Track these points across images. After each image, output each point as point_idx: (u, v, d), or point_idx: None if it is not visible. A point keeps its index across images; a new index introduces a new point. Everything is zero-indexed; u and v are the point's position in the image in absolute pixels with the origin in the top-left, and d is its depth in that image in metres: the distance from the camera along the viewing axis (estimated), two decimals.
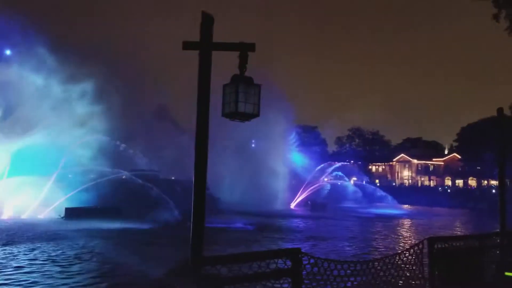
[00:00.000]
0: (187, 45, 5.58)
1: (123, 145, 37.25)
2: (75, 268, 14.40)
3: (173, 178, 47.20)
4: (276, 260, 6.02)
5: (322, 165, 60.87)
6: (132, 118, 41.24)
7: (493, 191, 55.32)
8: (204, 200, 5.05)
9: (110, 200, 31.21)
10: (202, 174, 5.12)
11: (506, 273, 7.07)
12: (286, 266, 5.93)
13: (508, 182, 56.44)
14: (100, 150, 35.24)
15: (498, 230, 9.42)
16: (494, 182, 59.71)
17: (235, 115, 5.51)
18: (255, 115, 5.58)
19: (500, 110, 9.84)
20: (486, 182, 69.11)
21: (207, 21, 5.41)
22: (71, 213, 29.29)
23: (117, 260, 15.51)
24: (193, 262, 4.63)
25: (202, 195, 5.04)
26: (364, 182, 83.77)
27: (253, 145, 55.20)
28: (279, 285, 6.82)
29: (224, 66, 5.76)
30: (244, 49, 5.59)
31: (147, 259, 15.27)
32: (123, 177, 37.28)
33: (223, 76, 5.72)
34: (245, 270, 5.30)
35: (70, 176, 32.42)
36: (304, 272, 6.25)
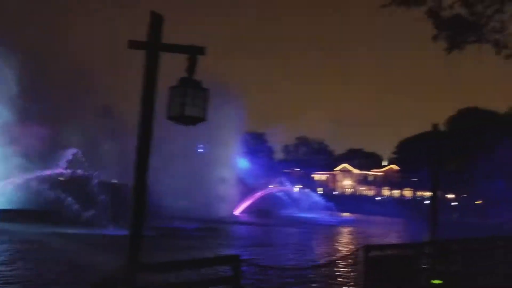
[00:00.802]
0: (133, 45, 5.45)
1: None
2: None
3: (114, 181, 45.60)
4: (216, 267, 5.98)
5: (270, 173, 61.40)
6: (73, 118, 39.35)
7: (426, 201, 58.16)
8: (144, 204, 4.92)
9: (40, 202, 29.42)
10: (142, 177, 5.00)
11: (433, 281, 7.44)
12: (225, 273, 5.91)
13: (440, 194, 59.62)
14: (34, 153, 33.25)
15: (428, 239, 9.91)
16: (427, 193, 62.85)
17: (181, 118, 5.43)
18: (202, 119, 5.53)
19: (435, 125, 10.41)
20: (420, 193, 72.61)
21: (155, 21, 5.32)
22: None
23: (46, 266, 14.65)
24: (128, 269, 4.45)
25: (141, 199, 4.90)
26: (308, 190, 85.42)
27: (200, 150, 54.64)
28: None
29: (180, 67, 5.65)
30: (193, 52, 5.55)
31: (77, 266, 14.44)
32: (61, 179, 35.52)
33: (174, 78, 5.61)
34: (185, 277, 5.21)
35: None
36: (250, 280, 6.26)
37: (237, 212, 50.00)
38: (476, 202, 56.90)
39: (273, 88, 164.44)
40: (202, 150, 54.34)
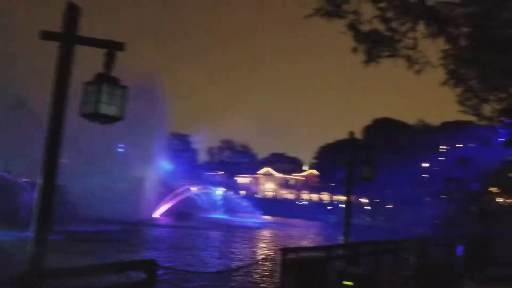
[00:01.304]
0: (46, 35, 5.11)
1: None
2: None
3: (26, 180, 42.49)
4: (130, 272, 5.75)
5: (193, 175, 60.74)
6: None
7: (342, 205, 60.99)
8: (51, 205, 4.60)
9: None
10: (50, 176, 4.68)
11: (344, 282, 7.78)
12: (140, 278, 5.70)
13: (355, 198, 62.70)
14: None
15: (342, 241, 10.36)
16: (343, 198, 65.84)
17: (96, 116, 5.15)
18: (120, 118, 5.28)
19: (351, 133, 10.93)
20: (337, 197, 75.90)
21: (71, 12, 5.03)
22: None
23: None
24: (31, 274, 4.12)
25: (49, 200, 4.58)
26: (231, 192, 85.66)
27: (120, 149, 52.64)
28: None
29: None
30: (112, 47, 5.31)
31: None
32: None
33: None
34: (96, 283, 4.94)
35: None
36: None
37: (156, 214, 48.77)
38: (386, 206, 60.71)
39: (198, 90, 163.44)
40: (122, 149, 52.44)
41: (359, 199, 67.24)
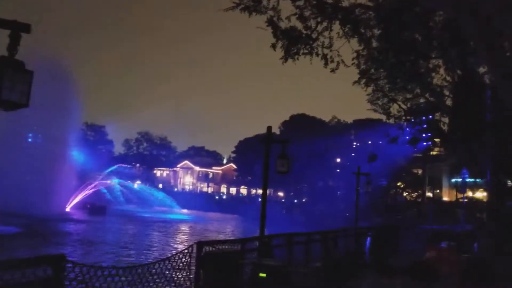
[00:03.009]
0: None
1: None
2: None
3: None
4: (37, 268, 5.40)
5: (107, 167, 58.43)
6: None
7: (259, 199, 62.21)
8: None
9: None
10: None
11: (260, 274, 7.96)
12: (47, 274, 5.38)
13: (271, 192, 64.33)
14: None
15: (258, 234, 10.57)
16: (260, 191, 67.21)
17: None
18: (23, 105, 4.92)
19: (269, 128, 11.17)
20: (255, 191, 77.28)
21: None
22: None
23: None
24: None
25: None
26: (147, 185, 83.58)
27: (29, 140, 49.12)
28: None
29: None
30: (16, 29, 4.92)
31: None
32: None
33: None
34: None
35: None
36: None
37: (68, 208, 46.26)
38: (302, 200, 62.99)
39: (115, 81, 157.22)
40: (31, 139, 49.07)
41: (277, 193, 69.12)
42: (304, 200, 62.71)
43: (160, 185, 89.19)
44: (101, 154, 67.61)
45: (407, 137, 24.91)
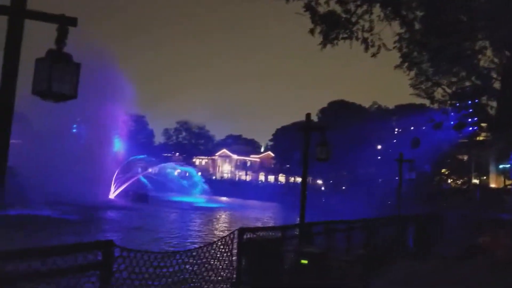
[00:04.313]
0: None
1: None
2: None
3: None
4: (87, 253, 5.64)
5: (149, 156, 59.87)
6: None
7: (298, 187, 62.08)
8: (2, 186, 4.43)
9: None
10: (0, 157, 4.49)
11: (302, 261, 7.99)
12: (97, 259, 5.61)
13: (310, 180, 63.99)
14: None
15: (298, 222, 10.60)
16: (299, 179, 67.07)
17: (47, 94, 4.96)
18: (72, 96, 5.11)
19: (308, 115, 11.08)
20: (293, 179, 77.10)
21: None
22: None
23: None
24: None
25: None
26: (187, 173, 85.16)
27: (74, 130, 50.96)
28: (86, 279, 6.43)
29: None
30: (64, 23, 5.09)
31: None
32: None
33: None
34: (52, 264, 4.82)
35: None
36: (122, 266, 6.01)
37: (112, 196, 47.88)
38: (342, 188, 62.37)
39: (154, 70, 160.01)
40: (75, 130, 50.82)
41: (316, 181, 68.72)
42: (343, 188, 62.07)
43: (199, 173, 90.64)
44: (142, 143, 69.25)
45: (452, 122, 24.07)
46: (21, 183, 26.13)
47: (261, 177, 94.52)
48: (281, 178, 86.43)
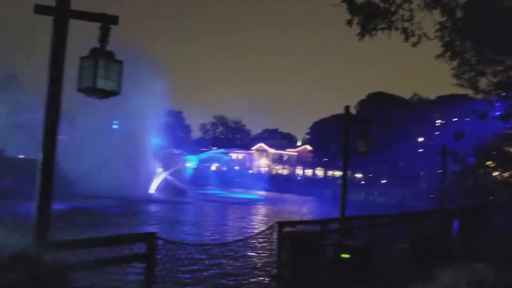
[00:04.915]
0: (40, 9, 5.01)
1: None
2: None
3: (21, 156, 42.51)
4: (130, 245, 5.82)
5: (186, 151, 60.86)
6: None
7: (337, 181, 61.40)
8: (52, 180, 4.62)
9: None
10: (50, 152, 4.68)
11: (343, 255, 7.91)
12: (141, 250, 5.78)
13: (350, 173, 63.11)
14: None
15: (338, 216, 10.48)
16: (337, 173, 66.31)
17: (92, 91, 5.12)
18: (116, 93, 5.27)
19: (347, 107, 10.92)
20: (331, 172, 76.31)
21: None
22: None
23: None
24: (37, 247, 4.21)
25: (49, 175, 4.60)
26: (224, 168, 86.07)
27: (114, 126, 52.43)
28: (132, 270, 6.64)
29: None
30: (106, 21, 5.22)
31: None
32: None
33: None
34: (98, 255, 5.01)
35: None
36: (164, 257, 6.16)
37: (152, 190, 49.02)
38: (381, 181, 61.23)
39: (190, 65, 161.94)
40: (116, 126, 52.24)
41: (354, 174, 67.74)
42: (384, 181, 60.90)
43: (236, 167, 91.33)
44: (180, 138, 70.42)
45: (498, 113, 23.06)
46: (66, 178, 27.21)
47: (298, 171, 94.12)
48: (319, 172, 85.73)
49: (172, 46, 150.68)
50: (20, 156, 42.00)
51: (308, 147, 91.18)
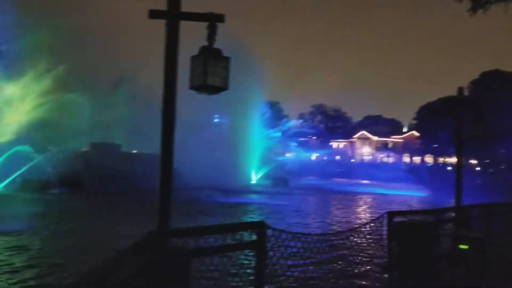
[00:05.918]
0: (154, 14, 5.39)
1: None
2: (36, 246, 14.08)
3: (135, 151, 46.45)
4: (240, 233, 6.06)
5: (286, 141, 61.36)
6: (95, 89, 39.45)
7: (448, 168, 57.45)
8: (171, 174, 5.01)
9: (69, 172, 30.37)
10: (169, 148, 5.07)
11: (460, 246, 7.45)
12: (250, 239, 6.01)
13: (463, 160, 58.58)
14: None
15: (451, 205, 9.87)
16: (449, 160, 62.05)
17: (203, 88, 5.41)
18: (224, 88, 5.52)
19: (460, 89, 10.15)
20: (442, 159, 71.60)
21: None
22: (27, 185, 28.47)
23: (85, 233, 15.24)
24: (159, 234, 4.63)
25: (169, 169, 5.01)
26: (325, 157, 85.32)
27: (216, 120, 54.74)
28: (243, 257, 6.94)
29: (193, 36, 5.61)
30: (213, 20, 5.47)
31: (114, 234, 14.94)
32: (83, 149, 36.34)
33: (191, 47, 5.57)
34: (211, 242, 5.31)
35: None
36: (268, 245, 6.34)
37: (254, 180, 50.37)
38: (500, 168, 56.06)
39: (286, 55, 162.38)
40: (217, 120, 54.43)
41: (468, 161, 62.72)
42: (502, 167, 55.67)
43: (338, 157, 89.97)
44: (279, 129, 71.18)
45: None
46: (175, 170, 28.99)
47: (405, 158, 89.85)
48: (428, 159, 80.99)
49: (269, 36, 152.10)
50: (133, 151, 45.85)
51: (415, 133, 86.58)
